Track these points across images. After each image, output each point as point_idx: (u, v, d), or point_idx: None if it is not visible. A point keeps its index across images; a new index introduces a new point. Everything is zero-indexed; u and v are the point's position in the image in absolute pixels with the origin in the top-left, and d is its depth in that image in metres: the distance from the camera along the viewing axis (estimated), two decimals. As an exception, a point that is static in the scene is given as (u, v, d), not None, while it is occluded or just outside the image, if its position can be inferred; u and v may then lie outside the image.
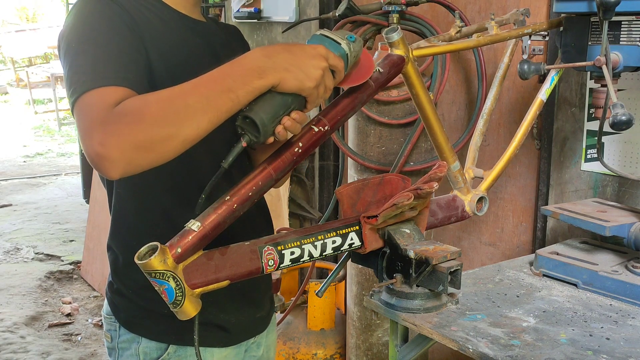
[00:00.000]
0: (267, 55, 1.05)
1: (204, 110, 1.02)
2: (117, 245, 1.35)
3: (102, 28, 1.15)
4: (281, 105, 1.07)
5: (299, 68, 1.06)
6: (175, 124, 1.01)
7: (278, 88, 1.05)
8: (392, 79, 1.37)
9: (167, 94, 1.04)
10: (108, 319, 1.37)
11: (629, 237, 1.57)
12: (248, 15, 3.16)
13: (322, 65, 1.07)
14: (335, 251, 1.28)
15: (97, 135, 1.00)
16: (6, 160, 8.95)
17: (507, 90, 2.27)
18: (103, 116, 1.02)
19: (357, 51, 1.15)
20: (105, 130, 1.00)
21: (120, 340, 1.35)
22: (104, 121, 1.01)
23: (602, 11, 1.39)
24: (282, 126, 1.09)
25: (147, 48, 1.19)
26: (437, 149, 1.56)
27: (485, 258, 2.44)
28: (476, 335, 1.33)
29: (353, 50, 1.14)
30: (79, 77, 1.09)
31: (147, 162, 1.03)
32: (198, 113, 1.02)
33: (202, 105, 1.02)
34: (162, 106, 1.02)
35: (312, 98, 1.09)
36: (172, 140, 1.01)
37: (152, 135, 1.00)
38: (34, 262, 5.14)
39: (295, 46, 1.08)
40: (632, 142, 1.92)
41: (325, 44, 1.11)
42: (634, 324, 1.40)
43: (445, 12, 2.35)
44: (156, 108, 1.01)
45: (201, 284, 1.09)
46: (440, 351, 2.50)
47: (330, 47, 1.11)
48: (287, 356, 2.61)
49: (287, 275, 2.83)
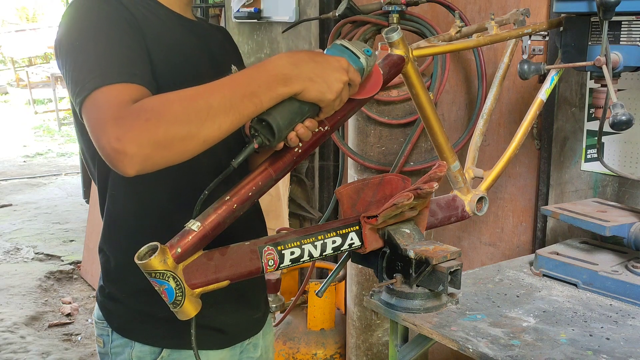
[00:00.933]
0: (293, 63, 1.05)
1: (227, 112, 1.01)
2: (111, 248, 1.32)
3: (105, 25, 1.13)
4: (298, 112, 1.08)
5: (323, 79, 1.06)
6: (196, 123, 0.99)
7: (299, 96, 1.06)
8: (392, 79, 1.37)
9: (190, 92, 1.02)
10: (100, 324, 1.35)
11: (629, 237, 1.57)
12: (248, 15, 3.16)
13: (343, 79, 1.08)
14: (335, 251, 1.28)
15: (113, 130, 0.98)
16: (6, 160, 8.95)
17: (507, 90, 2.27)
18: (119, 112, 1.00)
19: (372, 65, 1.17)
20: (122, 125, 0.98)
21: (113, 345, 1.33)
22: (121, 116, 0.99)
23: (602, 11, 1.39)
24: (295, 133, 1.09)
25: (148, 46, 1.18)
26: (437, 149, 1.56)
27: (485, 258, 2.44)
28: (476, 335, 1.33)
29: (369, 65, 1.15)
30: (85, 75, 1.07)
31: (165, 160, 1.01)
32: (220, 114, 1.01)
33: (225, 106, 1.01)
34: (184, 105, 1.00)
35: (327, 109, 1.10)
36: (192, 139, 1.00)
37: (173, 133, 0.98)
38: (34, 262, 5.14)
39: (320, 56, 1.08)
40: (632, 142, 1.92)
41: (346, 56, 1.12)
42: (634, 324, 1.40)
43: (445, 12, 2.35)
44: (178, 106, 1.00)
45: (201, 284, 1.09)
46: (440, 351, 2.50)
47: (350, 60, 1.12)
48: (287, 356, 2.61)
49: (287, 275, 2.83)
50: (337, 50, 1.14)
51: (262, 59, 3.10)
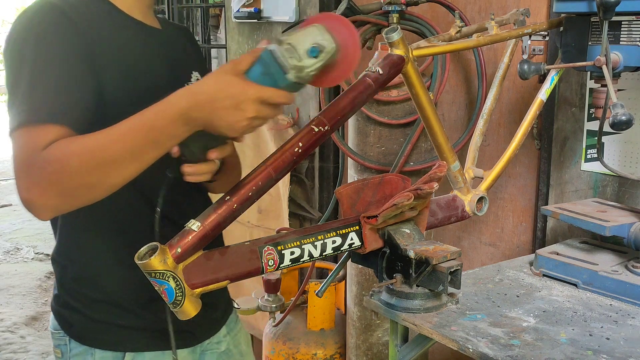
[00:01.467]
0: (193, 106, 1.02)
1: (130, 161, 1.03)
2: (65, 259, 1.32)
3: (49, 51, 1.11)
4: (211, 138, 1.07)
5: (224, 120, 1.02)
6: (99, 175, 1.02)
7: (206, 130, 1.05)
8: (392, 79, 1.37)
9: (92, 143, 1.03)
10: (56, 334, 1.34)
11: (629, 237, 1.57)
12: (248, 15, 3.16)
13: (248, 115, 1.02)
14: (335, 251, 1.28)
15: (23, 181, 1.03)
16: (6, 160, 8.94)
17: (507, 90, 2.27)
18: (30, 160, 1.03)
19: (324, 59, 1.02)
20: (30, 176, 1.02)
21: (72, 354, 1.31)
22: (30, 166, 1.03)
23: (602, 11, 1.39)
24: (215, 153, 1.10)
25: (98, 66, 1.15)
26: (437, 149, 1.56)
27: (485, 258, 2.44)
28: (476, 335, 1.33)
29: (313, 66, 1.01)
30: (17, 106, 1.08)
31: (73, 207, 1.06)
32: (122, 164, 1.03)
33: (127, 156, 1.03)
34: (85, 158, 1.02)
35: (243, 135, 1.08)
36: (97, 188, 1.04)
37: (77, 184, 1.02)
38: (34, 262, 5.14)
39: (222, 92, 1.01)
40: (632, 142, 1.92)
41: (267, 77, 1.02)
42: (634, 324, 1.40)
43: (445, 12, 2.35)
44: (78, 160, 1.02)
45: (201, 283, 1.10)
46: (440, 351, 2.50)
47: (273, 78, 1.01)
48: (287, 356, 2.61)
49: (287, 275, 2.83)
50: (261, 67, 1.02)
51: (262, 59, 3.09)
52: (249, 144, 3.16)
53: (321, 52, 1.01)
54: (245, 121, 1.02)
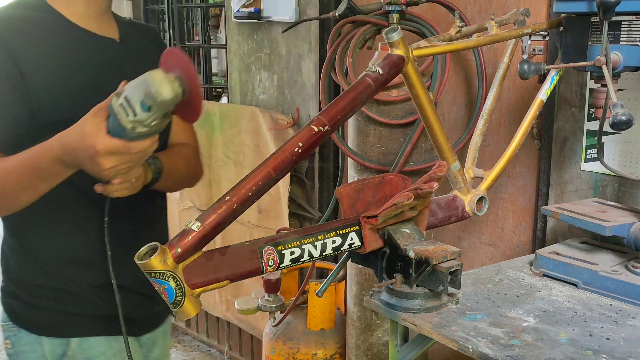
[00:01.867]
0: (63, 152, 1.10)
1: (24, 191, 1.16)
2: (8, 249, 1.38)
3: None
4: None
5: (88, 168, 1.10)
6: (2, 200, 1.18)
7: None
8: (392, 79, 1.37)
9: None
10: (5, 326, 1.39)
11: (629, 237, 1.56)
12: (248, 15, 3.16)
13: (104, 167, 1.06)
14: (335, 251, 1.28)
15: None
16: (6, 160, 8.93)
17: (507, 90, 2.27)
18: None
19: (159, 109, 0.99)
20: None
21: (22, 343, 1.35)
22: None
23: (602, 11, 1.39)
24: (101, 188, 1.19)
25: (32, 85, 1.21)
26: (437, 149, 1.56)
27: (485, 258, 2.44)
28: (476, 335, 1.33)
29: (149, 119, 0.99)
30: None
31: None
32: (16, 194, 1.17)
33: (18, 189, 1.16)
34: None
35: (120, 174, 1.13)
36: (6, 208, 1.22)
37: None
38: None
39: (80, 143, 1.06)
40: (632, 142, 1.92)
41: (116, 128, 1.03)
42: (634, 324, 1.40)
43: (445, 12, 2.35)
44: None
45: (201, 283, 1.10)
46: (440, 351, 2.50)
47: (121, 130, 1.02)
48: (287, 356, 2.61)
49: (287, 275, 2.83)
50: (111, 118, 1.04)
51: (262, 58, 3.10)
52: (249, 144, 3.16)
53: (152, 105, 0.98)
54: (105, 171, 1.07)
